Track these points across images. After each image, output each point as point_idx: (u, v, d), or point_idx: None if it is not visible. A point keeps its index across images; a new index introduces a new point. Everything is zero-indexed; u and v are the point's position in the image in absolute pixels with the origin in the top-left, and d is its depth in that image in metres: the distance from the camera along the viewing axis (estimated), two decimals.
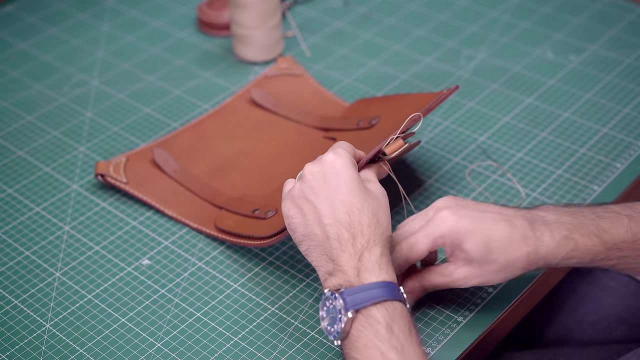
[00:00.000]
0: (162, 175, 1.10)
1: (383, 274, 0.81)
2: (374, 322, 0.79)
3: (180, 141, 1.15)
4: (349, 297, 0.80)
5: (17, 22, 1.43)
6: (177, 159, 1.12)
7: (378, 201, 0.85)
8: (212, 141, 1.15)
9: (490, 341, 0.95)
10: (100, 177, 1.09)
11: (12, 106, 1.26)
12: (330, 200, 0.84)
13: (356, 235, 0.83)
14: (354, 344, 0.79)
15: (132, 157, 1.12)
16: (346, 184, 0.84)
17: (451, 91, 1.01)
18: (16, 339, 0.94)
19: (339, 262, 0.82)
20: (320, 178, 0.85)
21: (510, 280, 0.98)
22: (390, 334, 0.78)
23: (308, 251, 0.86)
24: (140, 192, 1.08)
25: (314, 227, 0.85)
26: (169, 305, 0.97)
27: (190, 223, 1.04)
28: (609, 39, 1.34)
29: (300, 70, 1.26)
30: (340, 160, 0.86)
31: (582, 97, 1.24)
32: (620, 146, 1.15)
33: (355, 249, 0.82)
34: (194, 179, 1.09)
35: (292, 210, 0.87)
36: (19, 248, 1.04)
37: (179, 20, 1.43)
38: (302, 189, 0.86)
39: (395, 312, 0.80)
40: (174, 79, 1.30)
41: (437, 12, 1.42)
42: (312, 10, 1.44)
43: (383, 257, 0.82)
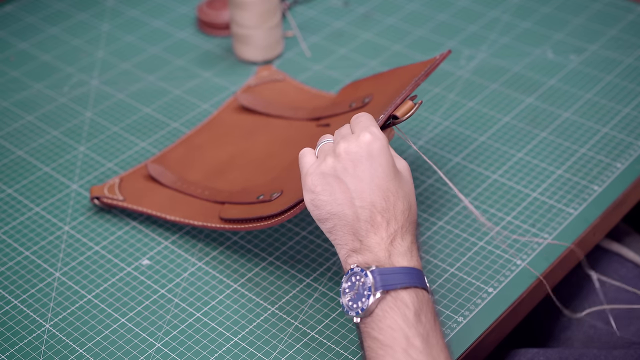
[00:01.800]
0: (159, 187, 1.09)
1: (414, 261, 0.81)
2: (403, 305, 0.78)
3: (172, 156, 1.14)
4: (380, 277, 0.79)
5: (17, 22, 1.43)
6: (172, 171, 1.11)
7: (409, 184, 0.85)
8: (205, 150, 1.14)
9: (490, 341, 0.95)
10: (96, 200, 1.07)
11: (12, 106, 1.26)
12: (366, 183, 0.82)
13: (390, 221, 0.81)
14: (378, 324, 0.78)
15: (125, 177, 1.10)
16: (383, 168, 0.82)
17: (444, 56, 0.97)
18: (16, 339, 0.94)
19: (368, 242, 0.81)
20: (356, 159, 0.83)
21: (511, 280, 0.98)
22: (418, 321, 0.77)
23: (333, 229, 0.84)
24: (139, 206, 1.06)
25: (344, 207, 0.82)
26: (168, 305, 0.97)
27: (194, 222, 1.03)
28: (609, 39, 1.34)
29: (282, 75, 1.26)
30: (379, 143, 0.83)
31: (583, 97, 1.24)
32: (620, 146, 1.15)
33: (388, 233, 0.81)
34: (193, 184, 1.08)
35: (319, 187, 0.84)
36: (19, 248, 1.04)
37: (179, 20, 1.43)
38: (335, 166, 0.83)
39: (424, 300, 0.79)
40: (174, 79, 1.30)
41: (437, 12, 1.42)
42: (312, 10, 1.44)
43: (413, 245, 0.82)
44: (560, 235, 1.03)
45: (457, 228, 1.05)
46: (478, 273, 0.99)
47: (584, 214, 1.06)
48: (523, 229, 1.04)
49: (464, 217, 1.06)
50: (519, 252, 1.01)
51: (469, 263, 1.00)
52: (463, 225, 1.05)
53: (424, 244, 1.03)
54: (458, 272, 0.99)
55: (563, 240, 1.03)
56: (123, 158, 1.16)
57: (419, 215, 1.06)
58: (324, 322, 0.94)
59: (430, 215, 1.06)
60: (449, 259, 1.01)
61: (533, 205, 1.07)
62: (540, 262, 1.00)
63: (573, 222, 1.05)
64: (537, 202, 1.07)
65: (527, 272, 0.99)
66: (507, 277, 0.99)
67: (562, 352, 1.01)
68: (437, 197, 1.09)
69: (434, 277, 0.99)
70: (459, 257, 1.01)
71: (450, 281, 0.98)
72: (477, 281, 0.98)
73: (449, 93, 1.25)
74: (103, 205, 1.07)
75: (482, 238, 1.03)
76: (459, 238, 1.03)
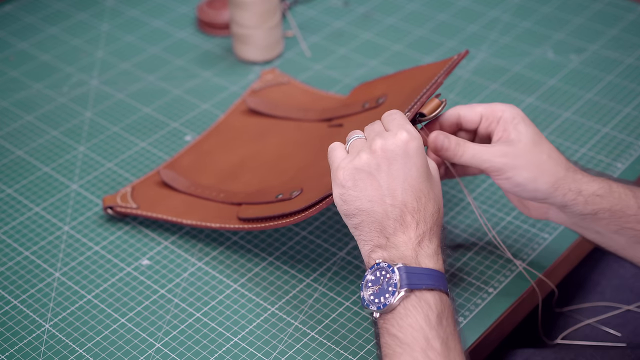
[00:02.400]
0: (173, 193, 1.08)
1: (439, 264, 0.81)
2: (426, 306, 0.78)
3: (182, 162, 1.13)
4: (407, 275, 0.78)
5: (17, 21, 1.43)
6: (185, 177, 1.10)
7: (439, 187, 0.85)
8: (215, 155, 1.13)
9: (490, 341, 0.95)
10: (109, 209, 1.06)
11: (12, 106, 1.26)
12: (399, 181, 0.81)
13: (419, 222, 0.81)
14: (399, 321, 0.78)
15: (137, 185, 1.10)
16: (417, 168, 0.82)
17: (462, 56, 0.97)
18: (15, 339, 0.93)
19: (395, 240, 0.81)
20: (392, 157, 0.82)
21: (511, 280, 0.98)
22: (439, 324, 0.77)
23: (360, 225, 0.83)
24: (154, 212, 1.05)
25: (374, 204, 0.82)
26: (168, 305, 0.97)
27: (211, 225, 1.01)
28: (610, 39, 1.34)
29: (286, 78, 1.26)
30: (415, 143, 0.82)
31: (583, 97, 1.23)
32: (621, 146, 1.15)
33: (417, 234, 0.81)
34: (208, 188, 1.07)
35: (351, 182, 0.83)
36: (19, 248, 1.04)
37: (178, 20, 1.43)
38: (369, 162, 0.82)
39: (446, 304, 0.79)
40: (173, 79, 1.30)
41: (437, 12, 1.42)
42: (312, 10, 1.44)
43: (439, 249, 0.82)
44: (560, 235, 1.03)
45: (458, 228, 1.05)
46: (478, 273, 0.99)
47: None
48: (523, 229, 1.04)
49: (464, 217, 1.06)
50: (519, 252, 1.01)
51: (469, 263, 1.00)
52: (463, 225, 1.05)
53: None
54: (458, 272, 0.99)
55: (563, 240, 1.03)
56: (123, 158, 1.16)
57: None
58: (324, 322, 0.94)
59: None
60: (449, 259, 1.01)
61: None
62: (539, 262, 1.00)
63: None
64: None
65: (527, 272, 0.99)
66: (507, 277, 0.99)
67: (558, 352, 1.01)
68: None
69: None
70: (459, 257, 1.01)
71: (451, 281, 0.98)
72: (477, 281, 0.98)
73: (450, 93, 1.25)
74: (117, 215, 1.06)
75: (482, 238, 1.03)
76: (459, 238, 1.03)
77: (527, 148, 0.88)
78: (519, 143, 0.88)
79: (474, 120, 0.90)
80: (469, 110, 0.91)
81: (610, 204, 0.89)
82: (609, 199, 0.89)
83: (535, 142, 0.88)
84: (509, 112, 0.89)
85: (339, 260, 1.01)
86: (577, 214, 0.90)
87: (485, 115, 0.90)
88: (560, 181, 0.88)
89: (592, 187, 0.89)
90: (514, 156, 0.87)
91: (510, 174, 0.88)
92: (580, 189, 0.89)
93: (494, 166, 0.88)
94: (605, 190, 0.89)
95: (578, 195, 0.89)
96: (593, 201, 0.89)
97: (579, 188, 0.89)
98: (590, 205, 0.89)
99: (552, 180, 0.88)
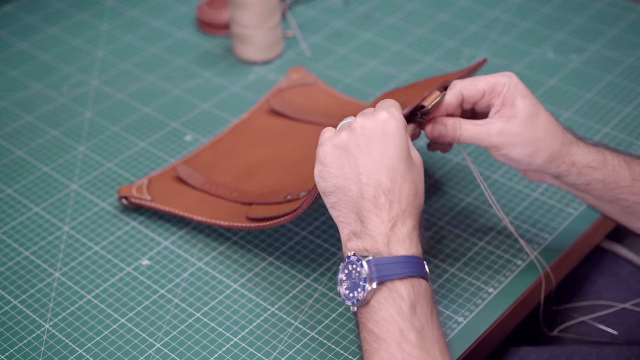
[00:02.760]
0: (187, 189, 1.09)
1: (413, 249, 0.80)
2: (399, 297, 0.77)
3: (201, 159, 1.14)
4: (376, 267, 0.78)
5: (17, 21, 1.43)
6: (201, 173, 1.11)
7: (419, 172, 0.84)
8: (234, 153, 1.14)
9: (490, 341, 0.95)
10: (124, 199, 1.07)
11: (12, 106, 1.26)
12: (375, 160, 0.81)
13: (393, 203, 0.80)
14: (373, 315, 0.78)
15: (154, 178, 1.10)
16: (394, 148, 0.81)
17: (480, 64, 0.98)
18: (15, 340, 0.93)
19: (369, 224, 0.80)
20: (370, 135, 0.82)
21: (511, 280, 0.98)
22: (413, 314, 0.77)
23: (337, 204, 0.83)
24: (167, 206, 1.06)
25: (350, 182, 0.82)
26: (168, 305, 0.97)
27: (221, 222, 1.02)
28: (610, 39, 1.34)
29: (313, 79, 1.26)
30: (394, 122, 0.82)
31: (583, 97, 1.23)
32: (621, 146, 1.15)
33: (390, 217, 0.80)
34: (222, 186, 1.08)
35: (329, 158, 0.83)
36: (18, 248, 1.04)
37: (178, 20, 1.43)
38: (348, 140, 0.82)
39: (420, 291, 0.78)
40: (173, 79, 1.30)
41: (437, 12, 1.42)
42: (312, 10, 1.44)
43: (414, 231, 0.81)
44: (560, 236, 1.03)
45: (458, 228, 1.05)
46: (478, 273, 0.99)
47: (585, 214, 1.06)
48: (523, 229, 1.04)
49: (464, 217, 1.06)
50: (519, 252, 1.01)
51: (469, 263, 1.00)
52: (463, 225, 1.05)
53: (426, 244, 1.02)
54: (458, 272, 0.99)
55: (563, 240, 1.03)
56: (123, 158, 1.16)
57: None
58: (324, 322, 0.94)
59: (430, 215, 1.06)
60: (449, 259, 1.01)
61: (533, 205, 1.07)
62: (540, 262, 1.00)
63: (573, 222, 1.05)
64: (538, 202, 1.07)
65: (527, 272, 0.99)
66: (507, 277, 0.99)
67: (554, 349, 1.01)
68: (438, 197, 1.09)
69: (434, 277, 0.99)
70: (459, 257, 1.01)
71: (451, 281, 0.98)
72: (477, 281, 0.98)
73: None
74: (130, 205, 1.07)
75: (482, 238, 1.03)
76: (459, 238, 1.03)
77: (524, 124, 0.89)
78: (514, 119, 0.89)
79: (476, 97, 0.91)
80: (471, 88, 0.91)
81: (604, 175, 0.91)
82: (602, 170, 0.91)
83: (532, 116, 0.89)
84: (507, 86, 0.90)
85: (339, 260, 1.01)
86: (570, 184, 0.92)
87: (487, 91, 0.91)
88: (554, 154, 0.90)
89: (586, 158, 0.91)
90: (510, 134, 0.89)
91: (506, 150, 0.90)
92: (574, 161, 0.90)
93: (492, 144, 0.90)
94: (599, 162, 0.91)
95: (571, 167, 0.91)
96: (586, 172, 0.91)
97: (573, 160, 0.90)
98: (583, 176, 0.91)
99: (547, 154, 0.90)
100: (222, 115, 1.22)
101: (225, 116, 1.22)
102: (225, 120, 1.21)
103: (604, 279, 1.11)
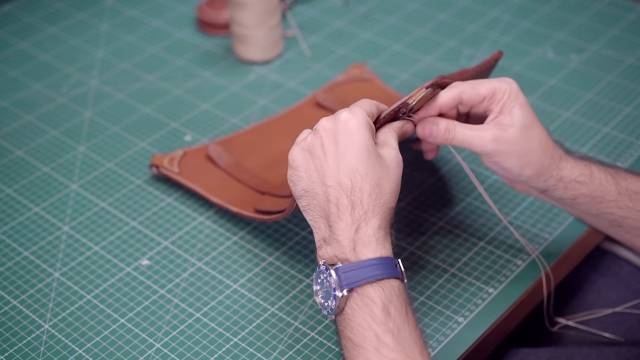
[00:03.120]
0: (214, 168, 1.11)
1: (380, 249, 0.79)
2: (370, 302, 0.77)
3: (239, 141, 1.16)
4: (344, 275, 0.77)
5: (16, 21, 1.43)
6: (234, 155, 1.13)
7: (386, 170, 0.82)
8: (270, 141, 1.16)
9: (490, 342, 0.95)
10: (154, 168, 1.11)
11: (11, 106, 1.26)
12: (337, 161, 0.81)
13: (355, 204, 0.79)
14: (349, 322, 0.77)
15: (190, 152, 1.14)
16: (355, 147, 0.81)
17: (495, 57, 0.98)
18: (15, 340, 0.93)
19: (335, 229, 0.80)
20: (331, 136, 0.82)
21: (511, 281, 0.98)
22: (387, 316, 0.76)
23: (307, 208, 0.83)
24: (190, 182, 1.09)
25: (316, 185, 0.82)
26: (168, 305, 0.97)
27: (232, 208, 1.04)
28: (610, 39, 1.34)
29: (371, 75, 1.26)
30: (354, 120, 0.82)
31: (583, 97, 1.23)
32: (621, 146, 1.15)
33: (353, 219, 0.79)
34: (246, 171, 1.10)
35: (297, 162, 0.83)
36: (18, 248, 1.04)
37: (178, 20, 1.43)
38: (313, 142, 0.82)
39: (392, 292, 0.77)
40: (173, 79, 1.30)
41: (437, 12, 1.42)
42: (312, 10, 1.44)
43: (380, 230, 0.80)
44: (560, 236, 1.03)
45: (458, 228, 1.04)
46: (478, 273, 0.99)
47: None
48: (523, 229, 1.04)
49: (464, 217, 1.06)
50: (519, 252, 1.01)
51: (469, 263, 1.00)
52: (463, 225, 1.05)
53: (424, 244, 1.02)
54: (458, 272, 0.99)
55: (563, 240, 1.03)
56: (123, 158, 1.16)
57: (419, 215, 1.06)
58: (324, 322, 0.94)
59: (430, 215, 1.06)
60: (449, 259, 1.01)
61: (533, 205, 1.07)
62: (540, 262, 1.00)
63: (573, 222, 1.05)
64: (538, 202, 1.07)
65: (527, 272, 0.99)
66: (507, 277, 0.99)
67: (554, 350, 1.01)
68: (438, 197, 1.09)
69: (434, 277, 0.99)
70: (459, 257, 1.01)
71: (451, 281, 0.98)
72: (477, 282, 0.98)
73: None
74: (159, 174, 1.11)
75: (482, 238, 1.03)
76: (459, 238, 1.03)
77: (519, 134, 0.89)
78: (510, 128, 0.88)
79: (476, 102, 0.90)
80: (472, 91, 0.90)
81: (590, 190, 0.91)
82: (589, 185, 0.91)
83: (527, 127, 0.89)
84: (508, 94, 0.89)
85: None
86: (557, 199, 0.93)
87: (488, 97, 0.90)
88: (544, 168, 0.90)
89: (573, 173, 0.91)
90: (505, 142, 0.88)
91: (499, 159, 0.89)
92: (562, 176, 0.91)
93: (485, 150, 0.89)
94: (586, 176, 0.91)
95: (559, 181, 0.91)
96: (573, 187, 0.91)
97: (561, 175, 0.91)
98: (570, 190, 0.91)
99: (537, 168, 0.90)
100: (222, 115, 1.22)
101: (225, 116, 1.22)
102: (225, 120, 1.21)
103: (603, 280, 1.11)
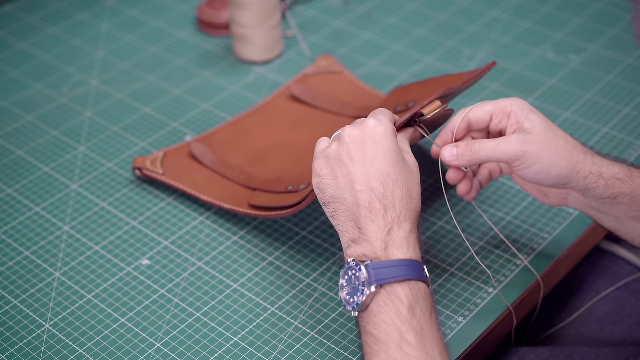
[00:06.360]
0: (199, 167, 1.11)
1: (411, 252, 0.81)
2: (397, 300, 0.78)
3: (218, 137, 1.16)
4: (374, 271, 0.79)
5: (17, 21, 1.43)
6: (216, 153, 1.13)
7: (412, 175, 0.84)
8: (251, 135, 1.17)
9: (490, 341, 0.95)
10: (137, 170, 1.10)
11: (12, 106, 1.26)
12: (366, 167, 0.83)
13: (388, 208, 0.81)
14: (373, 319, 0.78)
15: (170, 152, 1.13)
16: (384, 153, 0.83)
17: (489, 67, 0.98)
18: (16, 339, 0.93)
19: (367, 231, 0.81)
20: (358, 143, 0.84)
21: (511, 280, 0.98)
22: (412, 315, 0.77)
23: (335, 214, 0.84)
24: (177, 182, 1.09)
25: (345, 191, 0.83)
26: (168, 305, 0.97)
27: (224, 205, 1.04)
28: (610, 39, 1.34)
29: (340, 67, 1.27)
30: (382, 127, 0.84)
31: (583, 97, 1.24)
32: (620, 146, 1.15)
33: (386, 222, 0.81)
34: (231, 168, 1.10)
35: (324, 170, 0.85)
36: (19, 248, 1.04)
37: (178, 20, 1.43)
38: (339, 150, 0.84)
39: (419, 293, 0.79)
40: (174, 79, 1.30)
41: (437, 12, 1.42)
42: (312, 10, 1.44)
43: (412, 235, 0.82)
44: (559, 236, 1.03)
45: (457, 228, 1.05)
46: (478, 273, 0.99)
47: (584, 215, 1.06)
48: (523, 229, 1.04)
49: (463, 217, 1.06)
50: (519, 252, 1.01)
51: (469, 263, 1.00)
52: (463, 225, 1.05)
53: (424, 244, 1.03)
54: (458, 272, 0.99)
55: (562, 241, 1.03)
56: (123, 158, 1.16)
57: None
58: (324, 322, 0.94)
59: (430, 215, 1.06)
60: (449, 259, 1.01)
61: (533, 205, 1.07)
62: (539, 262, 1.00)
63: (573, 222, 1.05)
64: (537, 203, 1.07)
65: (527, 272, 0.99)
66: (507, 277, 0.99)
67: (553, 350, 1.01)
68: (437, 197, 1.09)
69: (434, 277, 0.99)
70: (459, 257, 1.01)
71: (450, 281, 0.98)
72: (477, 281, 0.98)
73: None
74: (143, 177, 1.10)
75: (482, 238, 1.03)
76: (459, 238, 1.03)
77: (544, 134, 0.87)
78: (534, 131, 0.87)
79: (484, 120, 0.90)
80: (478, 111, 0.90)
81: (631, 188, 0.89)
82: (629, 183, 0.89)
83: (549, 129, 0.88)
84: (517, 105, 0.89)
85: (339, 260, 1.01)
86: (598, 198, 0.90)
87: (495, 113, 0.90)
88: (580, 164, 0.88)
89: (612, 170, 0.89)
90: (533, 143, 0.87)
91: (532, 161, 0.87)
92: (601, 172, 0.88)
93: (515, 155, 0.87)
94: (625, 174, 0.89)
95: (599, 178, 0.88)
96: (614, 185, 0.88)
97: (600, 171, 0.88)
98: (611, 189, 0.89)
99: (573, 163, 0.88)
100: (222, 115, 1.22)
101: (225, 116, 1.22)
102: (225, 121, 1.21)
103: (602, 280, 1.11)
